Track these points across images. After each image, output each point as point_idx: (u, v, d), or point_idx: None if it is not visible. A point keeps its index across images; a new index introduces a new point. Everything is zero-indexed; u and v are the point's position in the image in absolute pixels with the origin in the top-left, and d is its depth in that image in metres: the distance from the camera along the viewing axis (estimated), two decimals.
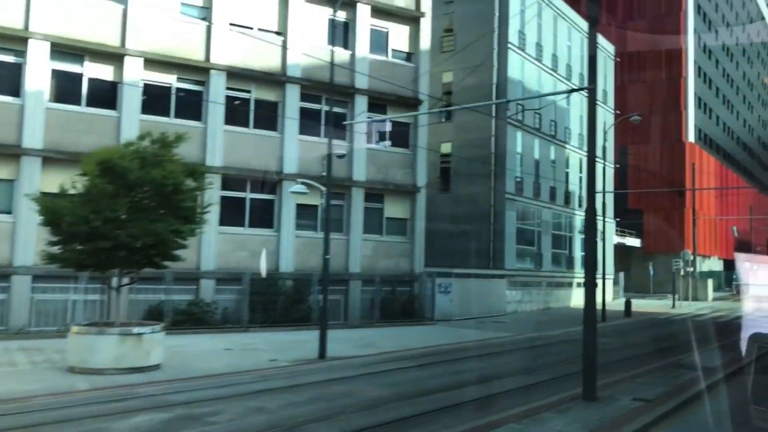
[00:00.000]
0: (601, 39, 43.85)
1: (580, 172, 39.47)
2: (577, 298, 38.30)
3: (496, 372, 14.37)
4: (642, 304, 41.06)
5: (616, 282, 48.61)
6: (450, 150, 33.18)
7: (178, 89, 22.15)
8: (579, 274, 39.00)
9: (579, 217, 39.32)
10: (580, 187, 39.58)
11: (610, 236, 44.16)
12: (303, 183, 17.01)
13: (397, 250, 26.28)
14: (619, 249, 56.14)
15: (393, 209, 26.35)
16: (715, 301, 46.81)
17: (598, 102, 42.86)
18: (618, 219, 51.64)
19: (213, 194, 22.27)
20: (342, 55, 25.09)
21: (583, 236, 37.98)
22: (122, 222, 12.93)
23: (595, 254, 12.75)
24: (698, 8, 64.05)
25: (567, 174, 37.79)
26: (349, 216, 25.02)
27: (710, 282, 47.39)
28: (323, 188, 16.51)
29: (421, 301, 26.29)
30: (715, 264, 68.52)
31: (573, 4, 40.23)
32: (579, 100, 39.47)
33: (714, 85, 68.90)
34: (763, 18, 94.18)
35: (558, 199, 36.69)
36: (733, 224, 62.91)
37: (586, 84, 38.39)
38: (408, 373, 14.61)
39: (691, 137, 60.51)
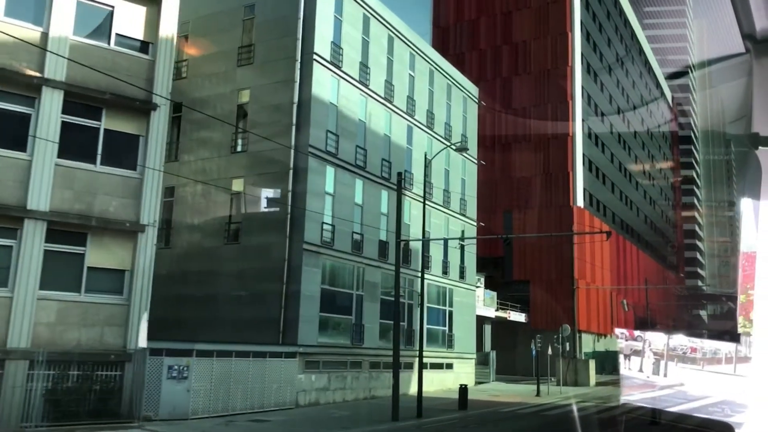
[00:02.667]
0: (460, 77, 38.12)
1: (428, 226, 32.49)
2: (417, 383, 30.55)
3: None
4: (503, 390, 33.73)
5: (485, 362, 41.31)
6: (242, 188, 25.63)
7: None
8: (425, 352, 31.42)
9: (425, 281, 32.08)
10: (427, 243, 32.50)
11: (471, 307, 37.07)
12: None
13: (103, 316, 18.03)
14: (504, 324, 49.33)
15: (101, 256, 18.26)
16: (599, 386, 39.94)
17: (443, 141, 36.56)
18: (488, 288, 45.14)
19: None
20: (29, 32, 17.49)
21: (432, 305, 30.69)
22: None
23: None
24: (588, 68, 60.42)
25: (407, 227, 30.70)
26: (17, 262, 16.77)
27: (592, 364, 40.65)
28: None
29: (134, 391, 17.89)
30: (613, 344, 62.52)
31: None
32: (427, 141, 33.01)
33: (608, 150, 64.92)
34: (662, 93, 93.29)
35: (393, 257, 29.36)
36: (624, 297, 57.32)
37: (435, 126, 31.88)
38: None
39: (580, 201, 55.31)
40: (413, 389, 29.57)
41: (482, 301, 47.18)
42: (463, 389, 24.40)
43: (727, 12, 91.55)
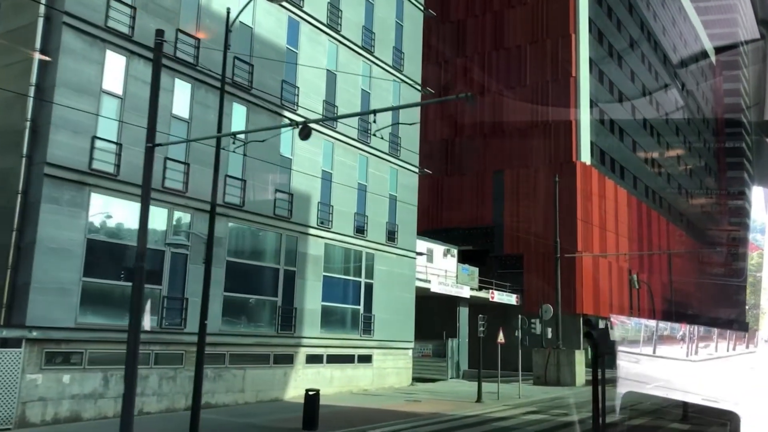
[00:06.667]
0: None
1: (330, 166, 23.28)
2: (305, 381, 21.43)
3: None
4: (441, 393, 24.44)
5: (440, 354, 31.94)
6: None
7: None
8: (313, 340, 22.30)
9: (319, 240, 22.88)
10: (327, 188, 23.27)
11: (407, 280, 27.64)
12: None
13: None
14: (491, 308, 39.36)
15: None
16: (589, 384, 30.08)
17: (384, 65, 26.88)
18: (465, 264, 36.05)
19: None
20: None
21: (333, 274, 21.86)
22: None
23: None
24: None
25: (288, 160, 21.58)
26: None
27: (579, 356, 30.71)
28: None
29: None
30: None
31: None
32: (329, 47, 23.77)
33: (627, 102, 54.21)
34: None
35: (252, 205, 20.28)
36: (637, 271, 46.81)
37: (343, 29, 21.22)
38: None
39: (586, 157, 45.10)
40: (291, 393, 20.57)
41: (454, 278, 37.93)
42: (311, 398, 15.14)
43: None
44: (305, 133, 10.77)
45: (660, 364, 18.24)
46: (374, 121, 10.20)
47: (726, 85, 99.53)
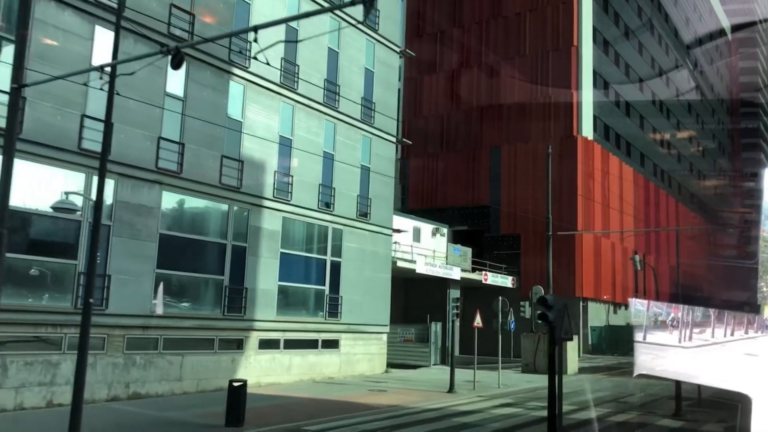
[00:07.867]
0: None
1: (287, 132, 21.03)
2: (258, 369, 19.37)
3: None
4: (411, 381, 22.22)
5: (424, 339, 29.79)
6: None
7: None
8: (268, 323, 20.15)
9: (276, 213, 20.67)
10: (286, 156, 21.05)
11: (383, 259, 25.36)
12: None
13: None
14: (488, 291, 36.92)
15: None
16: (583, 373, 27.98)
17: (355, 22, 23.99)
18: (458, 244, 33.76)
19: None
20: None
21: (292, 251, 19.69)
22: None
23: None
24: None
25: (238, 123, 19.35)
26: None
27: (572, 343, 28.26)
28: None
29: None
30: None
31: None
32: (283, 0, 21.41)
33: (633, 72, 51.38)
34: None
35: (192, 171, 18.10)
36: (643, 252, 44.19)
37: None
38: None
39: (588, 132, 42.51)
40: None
41: (444, 259, 35.76)
42: (235, 390, 13.04)
43: None
44: (176, 61, 8.57)
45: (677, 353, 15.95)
46: (255, 40, 8.00)
47: (742, 63, 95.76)
